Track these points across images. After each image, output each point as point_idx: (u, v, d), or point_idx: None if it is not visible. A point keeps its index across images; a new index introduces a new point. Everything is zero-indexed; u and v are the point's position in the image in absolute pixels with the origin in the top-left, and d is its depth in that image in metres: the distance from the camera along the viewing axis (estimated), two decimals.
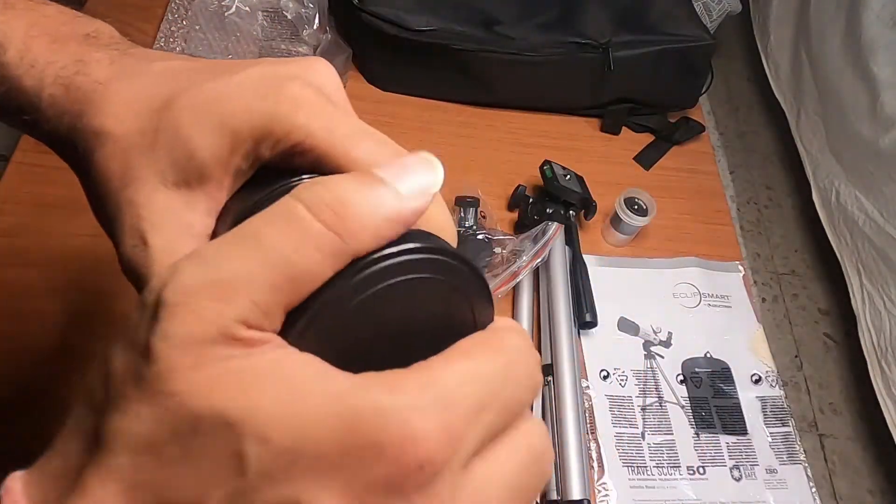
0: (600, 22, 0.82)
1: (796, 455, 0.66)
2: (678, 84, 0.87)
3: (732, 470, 0.64)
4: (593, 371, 0.67)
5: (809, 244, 1.79)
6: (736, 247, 0.81)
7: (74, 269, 0.65)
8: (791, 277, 1.74)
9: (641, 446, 0.64)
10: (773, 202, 1.89)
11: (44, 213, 0.68)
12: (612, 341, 0.70)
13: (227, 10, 0.76)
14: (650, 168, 0.86)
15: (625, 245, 0.77)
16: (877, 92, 1.44)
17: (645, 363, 0.69)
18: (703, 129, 0.89)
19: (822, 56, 1.63)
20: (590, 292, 0.69)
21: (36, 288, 0.63)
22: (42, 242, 0.66)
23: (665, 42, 0.82)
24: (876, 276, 1.36)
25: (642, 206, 0.75)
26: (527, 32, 0.80)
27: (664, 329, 0.72)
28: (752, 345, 0.72)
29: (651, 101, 0.88)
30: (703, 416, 0.67)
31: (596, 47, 0.80)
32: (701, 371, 0.69)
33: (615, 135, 0.89)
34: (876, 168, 1.40)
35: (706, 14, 1.54)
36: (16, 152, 0.71)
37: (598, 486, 0.61)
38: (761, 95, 2.07)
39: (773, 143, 2.00)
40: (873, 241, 1.37)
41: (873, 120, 1.43)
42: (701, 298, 0.74)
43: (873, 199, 1.40)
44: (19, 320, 0.61)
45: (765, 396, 0.69)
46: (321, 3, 0.80)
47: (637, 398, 0.67)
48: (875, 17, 1.49)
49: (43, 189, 0.69)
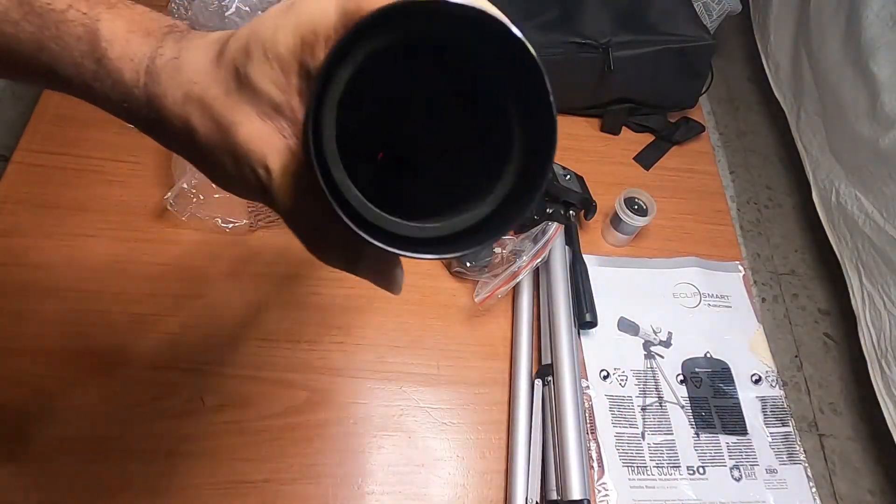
0: (600, 22, 0.82)
1: (796, 455, 0.66)
2: (678, 84, 0.87)
3: (732, 470, 0.64)
4: (593, 371, 0.67)
5: (809, 244, 1.79)
6: (736, 247, 0.81)
7: (74, 268, 0.65)
8: (791, 277, 1.74)
9: (641, 446, 0.64)
10: (773, 202, 1.89)
11: (44, 213, 0.68)
12: (612, 341, 0.70)
13: (227, 10, 0.76)
14: (650, 168, 0.86)
15: (625, 245, 0.77)
16: (877, 92, 1.43)
17: (645, 363, 0.69)
18: (703, 129, 0.89)
19: (822, 56, 1.63)
20: (590, 292, 0.69)
21: (36, 288, 0.63)
22: (42, 242, 0.66)
23: (665, 42, 0.82)
24: (876, 276, 1.36)
25: (642, 206, 0.75)
26: (526, 32, 0.79)
27: (664, 329, 0.72)
28: (752, 345, 0.72)
29: (651, 101, 0.88)
30: (703, 416, 0.67)
31: (596, 47, 0.80)
32: (701, 371, 0.69)
33: (615, 135, 0.89)
34: (876, 168, 1.40)
35: (706, 14, 1.54)
36: (16, 152, 0.71)
37: (598, 486, 0.61)
38: (761, 95, 2.07)
39: (773, 143, 2.00)
40: (873, 241, 1.37)
41: (873, 120, 1.43)
42: (701, 298, 0.74)
43: (873, 199, 1.39)
44: (19, 320, 0.61)
45: (765, 396, 0.69)
46: None
47: (637, 398, 0.67)
48: (875, 16, 1.49)
49: (43, 189, 0.69)
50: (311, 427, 0.60)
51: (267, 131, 0.23)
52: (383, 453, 0.60)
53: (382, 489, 0.58)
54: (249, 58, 0.23)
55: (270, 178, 0.24)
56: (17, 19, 0.25)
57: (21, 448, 0.56)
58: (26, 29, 0.25)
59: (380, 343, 0.66)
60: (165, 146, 0.27)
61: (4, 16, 0.25)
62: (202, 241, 0.69)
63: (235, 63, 0.23)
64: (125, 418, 0.58)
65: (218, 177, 0.27)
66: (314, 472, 0.58)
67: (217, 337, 0.63)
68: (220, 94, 0.24)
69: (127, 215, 0.69)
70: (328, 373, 0.63)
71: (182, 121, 0.25)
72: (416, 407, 0.63)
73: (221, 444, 0.58)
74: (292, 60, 0.22)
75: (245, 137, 0.24)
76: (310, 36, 0.22)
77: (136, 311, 0.63)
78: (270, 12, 0.23)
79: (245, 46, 0.23)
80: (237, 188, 0.26)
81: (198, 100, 0.24)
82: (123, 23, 0.25)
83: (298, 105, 0.23)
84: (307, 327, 0.65)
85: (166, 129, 0.26)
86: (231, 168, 0.25)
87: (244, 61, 0.23)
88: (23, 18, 0.25)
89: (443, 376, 0.65)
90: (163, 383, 0.60)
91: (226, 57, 0.24)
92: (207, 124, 0.24)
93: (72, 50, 0.25)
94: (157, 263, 0.67)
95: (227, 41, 0.24)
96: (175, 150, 0.27)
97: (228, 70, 0.24)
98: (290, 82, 0.23)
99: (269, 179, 0.24)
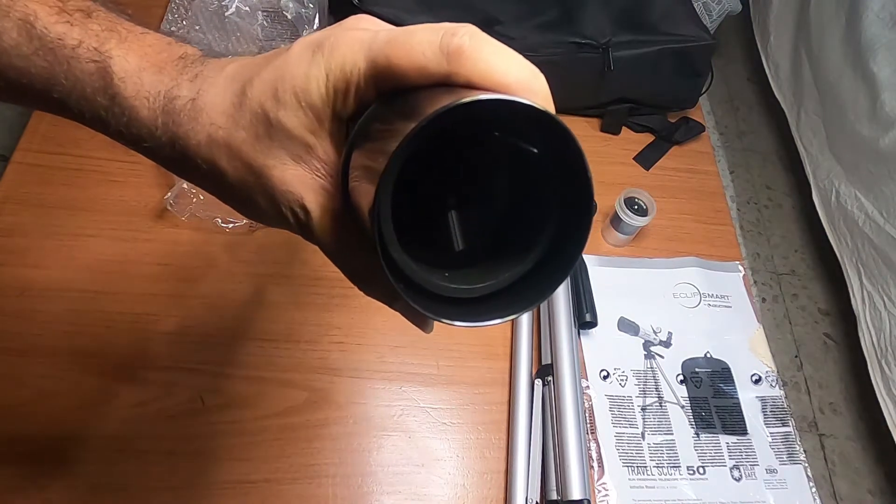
0: (600, 22, 0.82)
1: (796, 455, 0.66)
2: (678, 84, 0.87)
3: (732, 470, 0.64)
4: (593, 371, 0.67)
5: (809, 244, 1.79)
6: (736, 247, 0.81)
7: (74, 269, 0.65)
8: (791, 277, 1.74)
9: (641, 446, 0.64)
10: (773, 202, 1.89)
11: (44, 213, 0.68)
12: (612, 341, 0.70)
13: (227, 10, 0.76)
14: (650, 168, 0.86)
15: (625, 245, 0.77)
16: (877, 92, 1.43)
17: (645, 363, 0.69)
18: (703, 129, 0.89)
19: (822, 56, 1.63)
20: (590, 292, 0.69)
21: (36, 288, 0.63)
22: (42, 242, 0.66)
23: (665, 42, 0.82)
24: (876, 276, 1.36)
25: (642, 206, 0.75)
26: (526, 32, 0.80)
27: (664, 329, 0.72)
28: (752, 345, 0.72)
29: (651, 101, 0.88)
30: (703, 416, 0.67)
31: (596, 47, 0.80)
32: (701, 371, 0.69)
33: (615, 135, 0.89)
34: (876, 168, 1.40)
35: (706, 14, 1.54)
36: (16, 152, 0.71)
37: (598, 486, 0.61)
38: (761, 95, 2.07)
39: (773, 143, 2.00)
40: (873, 241, 1.37)
41: (873, 120, 1.43)
42: (701, 298, 0.74)
43: (873, 199, 1.39)
44: (19, 320, 0.61)
45: (765, 396, 0.69)
46: (321, 3, 0.80)
47: (637, 398, 0.67)
48: (875, 17, 1.49)
49: (43, 189, 0.69)
50: (310, 427, 0.60)
51: (301, 172, 0.24)
52: (383, 453, 0.60)
53: (382, 489, 0.58)
54: (281, 104, 0.23)
55: (309, 216, 0.24)
56: (27, 54, 0.25)
57: (21, 448, 0.56)
58: (37, 64, 0.25)
59: (380, 343, 0.66)
60: (193, 183, 0.27)
61: (16, 50, 0.25)
62: (202, 241, 0.69)
63: (264, 108, 0.23)
64: (125, 418, 0.58)
65: (251, 213, 0.27)
66: (314, 471, 0.58)
67: (217, 337, 0.63)
68: (248, 139, 0.24)
69: (127, 215, 0.69)
70: (328, 373, 0.63)
71: (209, 163, 0.25)
72: (416, 407, 0.63)
73: (221, 444, 0.58)
74: (325, 108, 0.23)
75: (280, 179, 0.24)
76: (341, 85, 0.22)
77: (137, 311, 0.63)
78: (296, 54, 0.23)
79: (273, 92, 0.23)
80: (273, 223, 0.27)
81: (224, 144, 0.24)
82: (135, 58, 0.25)
83: (330, 147, 0.24)
84: (307, 327, 0.65)
85: (193, 169, 0.26)
86: (266, 207, 0.25)
87: (274, 107, 0.23)
88: (34, 53, 0.25)
89: (443, 376, 0.65)
90: (163, 383, 0.60)
91: (251, 100, 0.24)
92: (238, 166, 0.25)
93: (84, 86, 0.25)
94: (157, 263, 0.67)
95: (248, 81, 0.24)
96: (203, 188, 0.27)
97: (255, 115, 0.24)
98: (324, 127, 0.23)
99: (307, 218, 0.25)
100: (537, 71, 0.22)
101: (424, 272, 0.23)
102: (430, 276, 0.23)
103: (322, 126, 0.23)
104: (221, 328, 0.64)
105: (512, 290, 0.24)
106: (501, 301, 0.24)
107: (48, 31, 0.24)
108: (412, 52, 0.21)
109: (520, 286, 0.24)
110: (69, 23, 0.25)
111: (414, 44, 0.21)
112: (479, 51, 0.20)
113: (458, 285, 0.24)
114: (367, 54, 0.22)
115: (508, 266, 0.24)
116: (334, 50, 0.22)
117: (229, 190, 0.26)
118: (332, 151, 0.24)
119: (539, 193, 0.24)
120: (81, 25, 0.25)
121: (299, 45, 0.23)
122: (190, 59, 0.26)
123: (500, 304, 0.24)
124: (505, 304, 0.24)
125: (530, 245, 0.24)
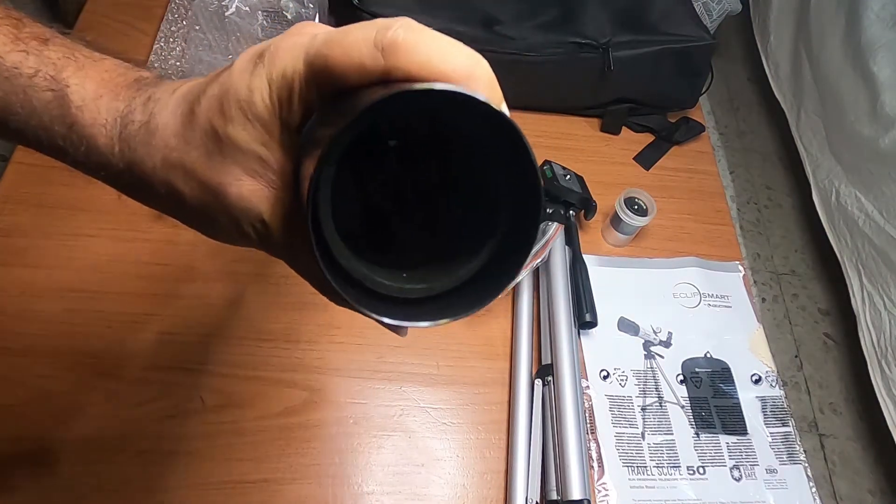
0: (600, 22, 0.82)
1: (796, 455, 0.66)
2: (678, 84, 0.87)
3: (732, 470, 0.64)
4: (593, 371, 0.67)
5: (809, 244, 1.79)
6: (736, 247, 0.81)
7: (74, 269, 0.65)
8: (791, 277, 1.74)
9: (641, 446, 0.64)
10: (773, 202, 1.89)
11: (44, 213, 0.68)
12: (612, 341, 0.70)
13: (227, 10, 0.76)
14: (650, 168, 0.86)
15: (625, 245, 0.77)
16: (877, 92, 1.43)
17: (645, 363, 0.69)
18: (703, 129, 0.89)
19: (822, 56, 1.63)
20: (590, 292, 0.69)
21: (36, 288, 0.63)
22: (42, 242, 0.66)
23: (665, 42, 0.82)
24: (876, 276, 1.36)
25: (642, 206, 0.75)
26: (526, 32, 0.80)
27: (664, 329, 0.72)
28: (752, 345, 0.72)
29: (651, 101, 0.88)
30: (703, 416, 0.67)
31: (596, 47, 0.80)
32: (701, 371, 0.69)
33: (615, 135, 0.89)
34: (876, 168, 1.40)
35: (706, 14, 1.54)
36: (16, 152, 0.71)
37: (598, 486, 0.61)
38: (761, 95, 2.07)
39: (773, 143, 2.00)
40: (873, 241, 1.37)
41: (873, 120, 1.43)
42: (701, 298, 0.74)
43: (873, 199, 1.39)
44: (19, 320, 0.61)
45: (765, 396, 0.69)
46: (321, 3, 0.80)
47: (637, 398, 0.67)
48: (875, 17, 1.49)
49: (43, 189, 0.69)
50: (310, 427, 0.60)
51: (258, 186, 0.23)
52: (383, 453, 0.60)
53: (382, 489, 0.58)
54: (228, 119, 0.22)
55: (269, 230, 0.24)
56: None
57: (20, 448, 0.56)
58: None
59: (380, 343, 0.66)
60: (153, 208, 0.27)
61: None
62: (202, 241, 0.68)
63: (213, 124, 0.23)
64: (125, 418, 0.58)
65: (212, 233, 0.26)
66: (314, 472, 0.58)
67: (217, 337, 0.63)
68: (201, 157, 0.23)
69: (127, 215, 0.69)
70: (328, 373, 0.63)
71: (166, 186, 0.24)
72: (415, 407, 0.63)
73: (221, 443, 0.58)
74: (273, 119, 0.22)
75: (237, 196, 0.23)
76: (285, 93, 0.22)
77: (137, 311, 0.63)
78: (238, 67, 0.23)
79: (219, 107, 0.23)
80: (234, 241, 0.26)
81: (179, 165, 0.24)
82: (93, 85, 0.25)
83: (283, 158, 0.23)
84: (306, 327, 0.65)
85: (153, 194, 0.25)
86: (226, 225, 0.25)
87: (222, 123, 0.23)
88: None
89: (443, 376, 0.65)
90: (163, 383, 0.60)
91: (199, 118, 0.23)
92: (194, 186, 0.24)
93: (41, 115, 0.25)
94: (157, 263, 0.67)
95: (196, 99, 0.23)
96: (166, 213, 0.26)
97: (205, 132, 0.23)
98: (274, 138, 0.23)
99: (266, 231, 0.24)
100: (479, 57, 0.21)
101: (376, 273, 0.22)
102: (375, 274, 0.23)
103: (273, 137, 0.23)
104: (221, 328, 0.64)
105: (451, 296, 0.24)
106: (440, 304, 0.23)
107: (3, 59, 0.24)
108: (348, 51, 0.20)
109: (462, 292, 0.23)
110: (25, 51, 0.24)
111: (349, 42, 0.20)
112: (415, 42, 0.20)
113: (412, 286, 0.23)
114: (306, 58, 0.21)
115: (456, 270, 0.24)
116: (275, 58, 0.22)
117: (190, 212, 0.25)
118: (287, 162, 0.23)
119: (490, 194, 0.23)
120: (37, 54, 0.25)
121: (242, 58, 0.23)
122: (144, 82, 0.26)
123: (438, 308, 0.23)
124: (442, 308, 0.23)
125: (477, 249, 0.23)
